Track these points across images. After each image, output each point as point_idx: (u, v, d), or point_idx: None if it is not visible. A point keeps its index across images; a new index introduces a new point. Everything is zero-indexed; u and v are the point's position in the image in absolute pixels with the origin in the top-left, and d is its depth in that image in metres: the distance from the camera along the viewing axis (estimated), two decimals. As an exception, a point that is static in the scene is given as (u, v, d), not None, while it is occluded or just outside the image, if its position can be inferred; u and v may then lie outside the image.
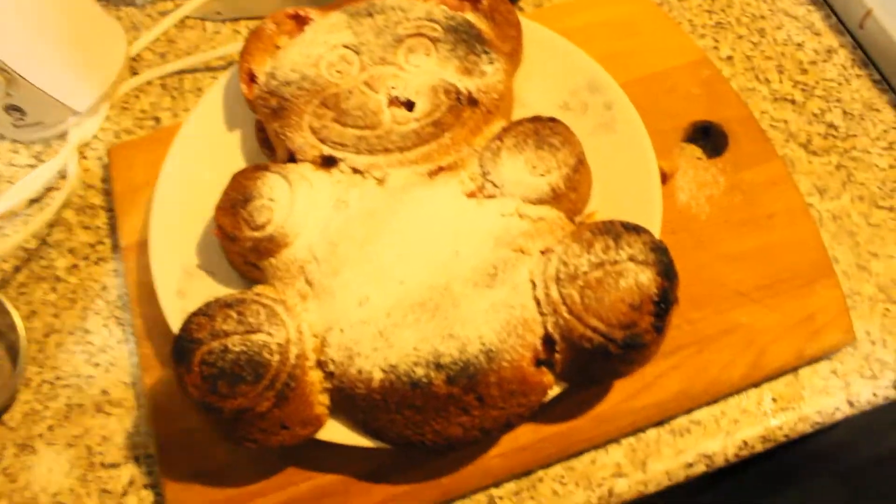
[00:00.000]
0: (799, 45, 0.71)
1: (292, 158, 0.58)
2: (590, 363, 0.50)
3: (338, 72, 0.59)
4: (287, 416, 0.49)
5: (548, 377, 0.50)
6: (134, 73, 0.74)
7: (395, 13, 0.61)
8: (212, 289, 0.57)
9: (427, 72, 0.59)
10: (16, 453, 0.58)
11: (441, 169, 0.57)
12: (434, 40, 0.60)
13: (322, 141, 0.57)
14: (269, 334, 0.50)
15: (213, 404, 0.48)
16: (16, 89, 0.65)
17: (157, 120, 0.71)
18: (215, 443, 0.55)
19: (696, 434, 0.56)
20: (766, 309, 0.57)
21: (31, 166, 0.70)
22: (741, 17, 0.73)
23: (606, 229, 0.51)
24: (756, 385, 0.57)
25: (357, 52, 0.60)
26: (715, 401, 0.56)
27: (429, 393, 0.48)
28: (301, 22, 0.63)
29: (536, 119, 0.57)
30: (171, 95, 0.72)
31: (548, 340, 0.50)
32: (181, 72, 0.73)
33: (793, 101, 0.68)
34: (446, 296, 0.51)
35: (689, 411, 0.56)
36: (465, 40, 0.60)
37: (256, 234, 0.54)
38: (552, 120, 0.56)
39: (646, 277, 0.49)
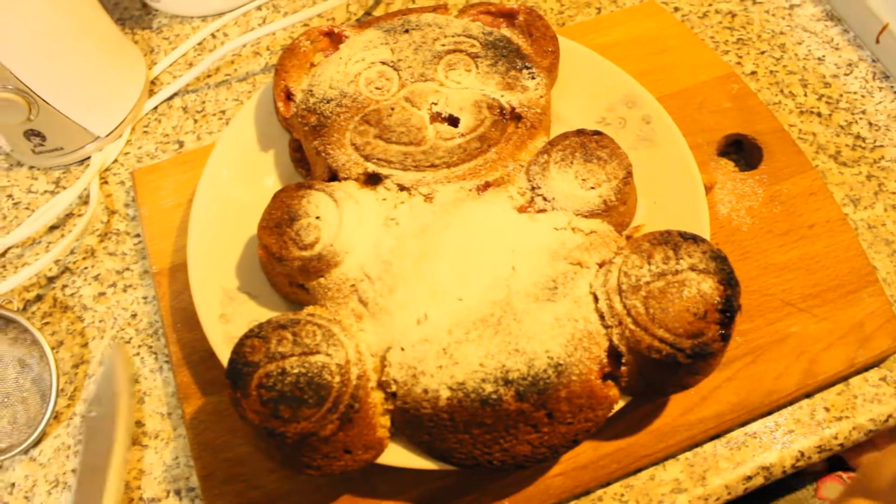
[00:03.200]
0: (820, 59, 0.72)
1: (333, 177, 0.57)
2: (655, 375, 0.49)
3: (377, 88, 0.59)
4: (351, 440, 0.48)
5: (614, 391, 0.50)
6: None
7: (431, 29, 0.61)
8: (254, 312, 0.56)
9: (468, 87, 0.59)
10: (48, 490, 0.55)
11: (488, 184, 0.56)
12: (474, 56, 0.60)
13: (366, 158, 0.56)
14: (328, 355, 0.48)
15: (275, 429, 0.46)
16: (37, 113, 0.63)
17: (181, 144, 0.70)
18: (263, 473, 0.53)
19: (752, 446, 0.55)
20: (815, 318, 0.57)
21: (51, 193, 0.68)
22: (761, 33, 0.74)
23: (664, 240, 0.51)
24: (809, 395, 0.56)
25: (396, 69, 0.59)
26: (770, 412, 0.56)
27: (499, 410, 0.47)
28: (335, 39, 0.62)
29: (581, 132, 0.56)
30: (194, 119, 0.71)
31: (613, 353, 0.49)
32: (196, 88, 0.72)
33: (819, 114, 0.69)
34: (507, 311, 0.50)
35: (744, 423, 0.56)
36: (505, 56, 0.60)
37: (305, 253, 0.52)
38: (597, 133, 0.56)
39: (708, 286, 0.48)
